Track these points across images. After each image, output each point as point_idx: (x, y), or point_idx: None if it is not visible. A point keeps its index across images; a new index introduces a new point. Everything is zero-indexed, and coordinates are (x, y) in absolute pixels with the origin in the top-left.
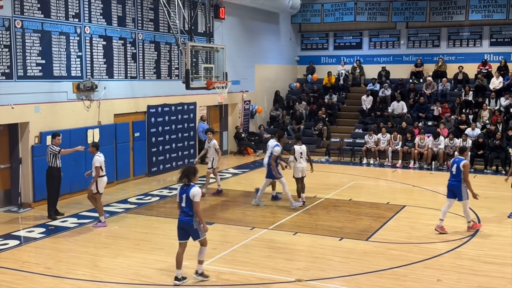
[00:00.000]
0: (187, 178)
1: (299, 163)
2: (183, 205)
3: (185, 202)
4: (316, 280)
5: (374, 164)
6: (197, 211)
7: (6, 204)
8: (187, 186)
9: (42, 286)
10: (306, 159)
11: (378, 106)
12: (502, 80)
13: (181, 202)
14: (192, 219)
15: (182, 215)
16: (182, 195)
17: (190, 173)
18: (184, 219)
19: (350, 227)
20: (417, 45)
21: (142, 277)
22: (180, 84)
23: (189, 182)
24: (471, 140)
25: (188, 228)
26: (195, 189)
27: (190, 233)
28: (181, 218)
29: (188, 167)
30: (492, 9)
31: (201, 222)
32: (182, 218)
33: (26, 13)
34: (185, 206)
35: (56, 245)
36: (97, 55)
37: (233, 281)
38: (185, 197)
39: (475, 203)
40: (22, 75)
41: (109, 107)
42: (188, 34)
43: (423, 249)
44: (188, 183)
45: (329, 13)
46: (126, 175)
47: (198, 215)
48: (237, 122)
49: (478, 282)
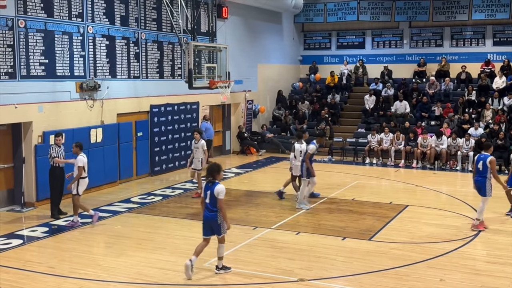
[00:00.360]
0: (212, 175)
1: (299, 161)
2: (207, 201)
3: (209, 199)
4: (318, 280)
5: (377, 164)
6: (221, 208)
7: (9, 203)
8: (211, 183)
9: (45, 285)
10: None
11: (381, 105)
12: (505, 79)
13: (205, 198)
14: (216, 214)
15: (207, 211)
16: (206, 192)
17: (214, 171)
18: (209, 215)
19: (353, 226)
20: (420, 44)
21: (144, 276)
22: (183, 84)
23: (213, 179)
24: (474, 140)
25: (213, 223)
26: (219, 186)
27: (214, 229)
28: (205, 214)
29: (212, 164)
30: (495, 9)
31: (224, 219)
32: (207, 214)
33: (29, 13)
34: (209, 202)
35: (59, 244)
36: (100, 54)
37: (236, 281)
38: (210, 193)
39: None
40: (25, 74)
41: (112, 106)
42: (191, 34)
43: (426, 249)
44: (213, 181)
45: (332, 12)
46: (129, 175)
47: (222, 211)
48: (239, 121)
49: (481, 282)
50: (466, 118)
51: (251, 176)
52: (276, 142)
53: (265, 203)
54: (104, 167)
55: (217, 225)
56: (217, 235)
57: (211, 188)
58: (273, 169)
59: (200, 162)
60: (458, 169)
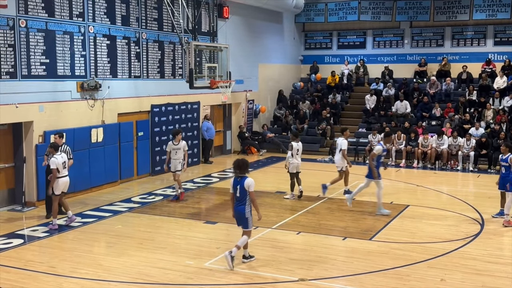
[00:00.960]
0: (240, 170)
1: (295, 159)
2: (237, 195)
3: (239, 192)
4: (319, 280)
5: None
6: (254, 200)
7: (10, 203)
8: (240, 177)
9: (46, 285)
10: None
11: (382, 105)
12: (506, 79)
13: (235, 192)
14: (244, 207)
15: (236, 204)
16: (236, 186)
17: (243, 166)
18: (238, 208)
19: (354, 226)
20: (421, 44)
21: (145, 276)
22: (183, 84)
23: (241, 173)
24: (475, 140)
25: (241, 216)
26: (249, 180)
27: (241, 222)
28: (235, 207)
29: (239, 160)
30: (496, 9)
31: (256, 210)
32: (237, 208)
33: (30, 13)
34: (239, 195)
35: (60, 244)
36: (101, 54)
37: (237, 280)
38: (239, 187)
39: (478, 203)
40: (26, 74)
41: (113, 106)
42: (191, 34)
43: (426, 248)
44: (242, 175)
45: (333, 12)
46: (129, 175)
47: (254, 203)
48: (240, 121)
49: (482, 282)
50: (467, 118)
51: (251, 176)
52: (276, 142)
53: (266, 203)
54: (105, 167)
55: (244, 219)
56: (244, 228)
57: (240, 183)
58: (273, 169)
59: (180, 163)
60: (459, 169)
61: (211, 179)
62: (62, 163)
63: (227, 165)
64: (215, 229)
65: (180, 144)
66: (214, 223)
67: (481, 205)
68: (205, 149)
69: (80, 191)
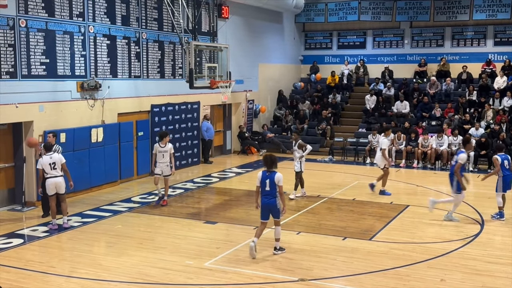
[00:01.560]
0: (269, 165)
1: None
2: (267, 189)
3: (269, 186)
4: (319, 280)
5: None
6: (281, 193)
7: (10, 202)
8: (270, 172)
9: (46, 284)
10: None
11: (382, 105)
12: (506, 79)
13: (264, 186)
14: (275, 200)
15: (266, 198)
16: (265, 180)
17: (273, 161)
18: (269, 201)
19: (354, 226)
20: (421, 44)
21: (145, 276)
22: (183, 84)
23: (270, 168)
24: (475, 140)
25: (273, 208)
26: (279, 174)
27: (272, 213)
28: (264, 200)
29: (268, 155)
30: (496, 9)
31: (283, 204)
32: (267, 201)
33: (30, 12)
34: (269, 189)
35: (60, 244)
36: (101, 54)
37: (237, 280)
38: (269, 181)
39: (478, 203)
40: (26, 74)
41: (113, 106)
42: (192, 34)
43: (426, 249)
44: (271, 170)
45: (333, 12)
46: (129, 174)
47: (282, 197)
48: (240, 121)
49: (482, 282)
50: (467, 118)
51: (251, 176)
52: (276, 142)
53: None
54: (105, 167)
55: (276, 210)
56: (276, 218)
57: (270, 177)
58: None
59: (168, 167)
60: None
61: (211, 179)
62: (51, 164)
63: (227, 165)
64: (215, 229)
65: (167, 147)
66: (214, 223)
67: (481, 206)
68: (204, 149)
69: (80, 191)
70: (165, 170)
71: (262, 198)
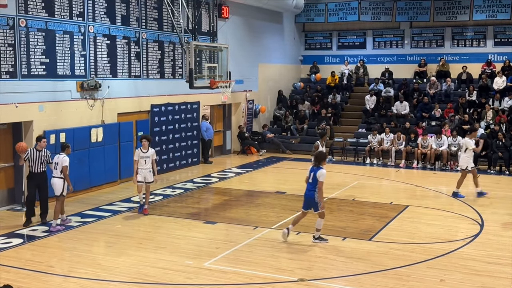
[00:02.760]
0: (318, 161)
1: None
2: (310, 181)
3: (312, 179)
4: (319, 280)
5: (377, 164)
6: (320, 189)
7: (9, 202)
8: (317, 167)
9: (45, 284)
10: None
11: (382, 106)
12: (505, 79)
13: (309, 178)
14: (314, 193)
15: (308, 190)
16: (311, 173)
17: (322, 157)
18: (309, 194)
19: (353, 227)
20: (421, 45)
21: (145, 276)
22: (183, 83)
23: (319, 164)
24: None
25: (311, 201)
26: (322, 170)
27: (312, 205)
28: (306, 192)
29: (319, 152)
30: (496, 9)
31: (320, 199)
32: (308, 193)
33: (30, 12)
34: (311, 182)
35: (59, 243)
36: (101, 54)
37: (236, 280)
38: (313, 175)
39: (478, 203)
40: (26, 74)
41: (112, 106)
42: (191, 34)
43: (426, 249)
44: (319, 165)
45: (333, 12)
46: (129, 174)
47: (320, 192)
48: (240, 121)
49: (481, 282)
50: (466, 119)
51: (251, 176)
52: (276, 142)
53: (266, 203)
54: (105, 167)
55: (314, 203)
56: (315, 210)
57: (315, 171)
58: (273, 169)
59: (151, 173)
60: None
61: (211, 179)
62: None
63: (227, 165)
64: (214, 229)
65: (149, 152)
66: (213, 223)
67: (480, 206)
68: (204, 149)
69: (79, 191)
70: (148, 176)
71: (306, 190)
